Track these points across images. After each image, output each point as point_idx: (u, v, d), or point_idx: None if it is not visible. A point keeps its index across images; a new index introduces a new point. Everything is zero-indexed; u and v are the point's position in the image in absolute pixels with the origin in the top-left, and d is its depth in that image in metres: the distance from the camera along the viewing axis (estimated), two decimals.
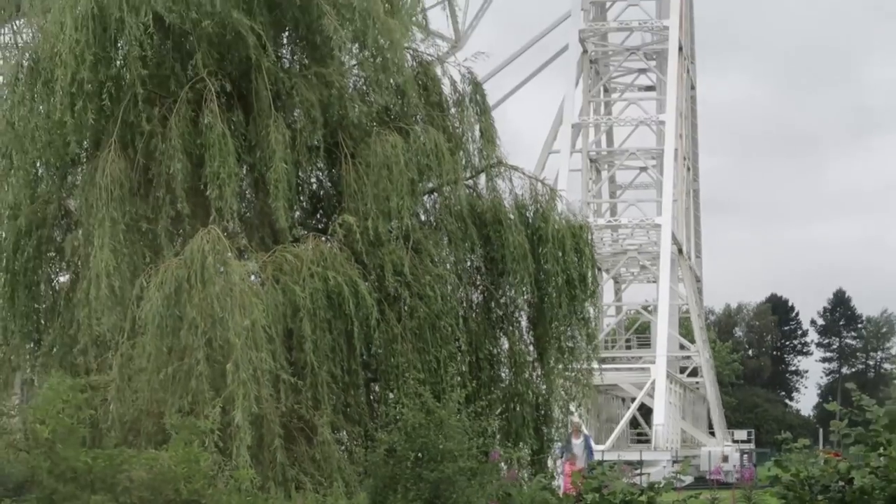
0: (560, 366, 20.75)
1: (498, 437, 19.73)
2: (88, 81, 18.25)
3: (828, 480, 14.50)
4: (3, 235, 19.69)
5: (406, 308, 18.51)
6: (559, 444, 25.23)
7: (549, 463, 21.97)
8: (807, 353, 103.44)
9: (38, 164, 19.05)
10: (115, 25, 18.17)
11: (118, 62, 18.47)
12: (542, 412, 20.95)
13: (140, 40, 17.74)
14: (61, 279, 19.72)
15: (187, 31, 18.49)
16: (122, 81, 18.76)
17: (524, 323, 20.88)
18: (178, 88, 18.60)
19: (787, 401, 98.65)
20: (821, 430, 39.96)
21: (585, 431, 30.93)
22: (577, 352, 21.36)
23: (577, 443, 28.75)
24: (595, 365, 23.19)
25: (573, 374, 21.01)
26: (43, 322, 19.51)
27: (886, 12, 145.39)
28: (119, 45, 18.37)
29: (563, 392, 20.99)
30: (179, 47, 18.69)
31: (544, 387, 20.83)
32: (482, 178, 21.18)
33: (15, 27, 21.60)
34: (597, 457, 30.13)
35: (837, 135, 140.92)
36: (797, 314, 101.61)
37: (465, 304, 20.40)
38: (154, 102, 18.43)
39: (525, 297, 20.39)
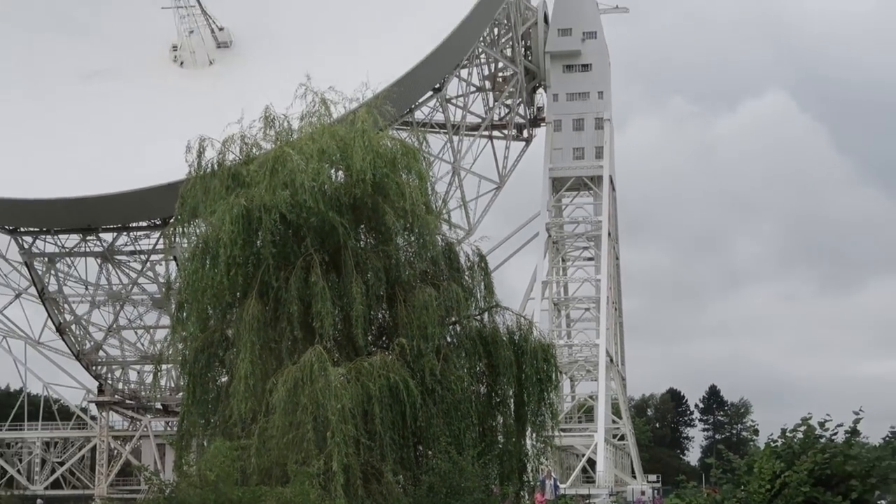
0: (534, 435, 24.25)
1: (497, 479, 23.02)
2: (238, 256, 21.68)
3: None
4: (187, 353, 22.97)
5: (438, 396, 21.47)
6: (538, 482, 31.13)
7: (526, 496, 25.61)
8: (693, 426, 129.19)
9: (208, 308, 22.51)
10: (256, 221, 21.78)
11: (258, 243, 21.93)
12: (522, 464, 24.18)
13: (272, 230, 21.65)
14: (222, 379, 22.62)
15: (300, 223, 21.88)
16: (260, 256, 21.94)
17: (512, 406, 24.03)
18: (295, 259, 21.89)
19: (681, 456, 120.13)
20: (703, 475, 50.50)
21: (554, 475, 38.33)
22: (545, 425, 24.73)
23: (548, 483, 34.60)
24: (556, 433, 27.52)
25: (542, 439, 24.64)
26: (210, 406, 22.58)
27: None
28: (258, 232, 21.89)
29: (536, 452, 24.63)
30: (296, 233, 22.05)
31: (524, 447, 24.19)
32: (486, 315, 24.52)
33: (188, 228, 24.81)
34: (560, 492, 35.78)
35: (717, 285, 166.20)
36: (686, 400, 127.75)
37: (475, 394, 23.28)
38: (280, 268, 21.69)
39: (512, 390, 23.72)
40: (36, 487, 63.18)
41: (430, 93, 59.86)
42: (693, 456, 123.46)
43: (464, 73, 63.24)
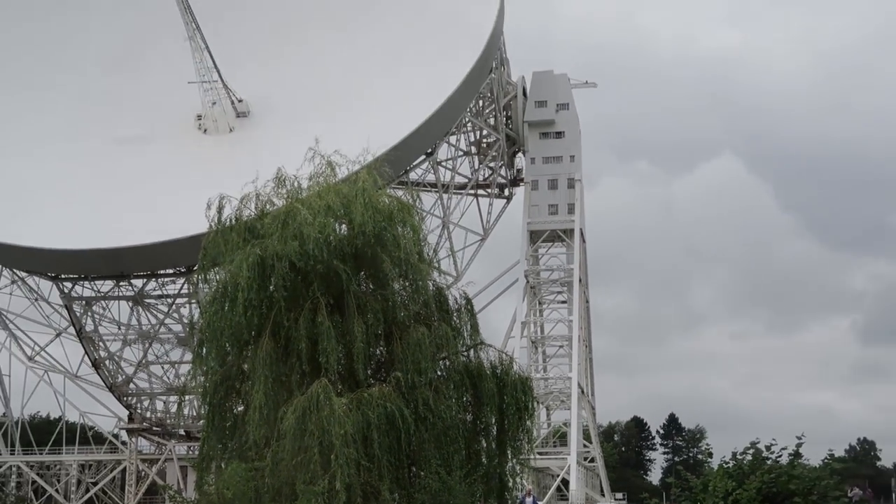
0: (514, 457, 24.16)
1: (481, 497, 22.83)
2: (254, 300, 21.64)
3: None
4: (207, 385, 22.89)
5: (430, 424, 21.28)
6: (518, 500, 30.88)
7: None
8: (654, 449, 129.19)
9: (226, 346, 22.43)
10: (269, 268, 21.83)
11: (271, 288, 21.88)
12: (503, 483, 23.99)
13: (283, 276, 21.62)
14: (239, 409, 22.42)
15: (308, 270, 21.91)
16: (273, 299, 21.86)
17: (494, 432, 23.78)
18: (304, 302, 21.79)
19: (644, 476, 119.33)
20: (664, 493, 51.06)
21: (533, 493, 38.23)
22: (523, 449, 24.61)
23: (528, 500, 34.57)
24: (533, 456, 27.83)
25: (521, 461, 24.61)
26: (228, 433, 22.38)
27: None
28: (271, 279, 21.87)
29: (515, 472, 24.48)
30: (304, 279, 21.97)
31: (505, 468, 23.97)
32: (471, 352, 24.29)
33: (209, 275, 24.68)
34: None
35: (676, 325, 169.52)
36: (648, 427, 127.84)
37: (462, 422, 23.06)
38: (290, 310, 21.64)
39: (494, 417, 23.45)
40: None
41: (423, 156, 60.37)
42: (655, 476, 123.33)
43: (453, 139, 63.71)
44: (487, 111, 66.34)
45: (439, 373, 23.07)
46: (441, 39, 56.56)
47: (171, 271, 56.57)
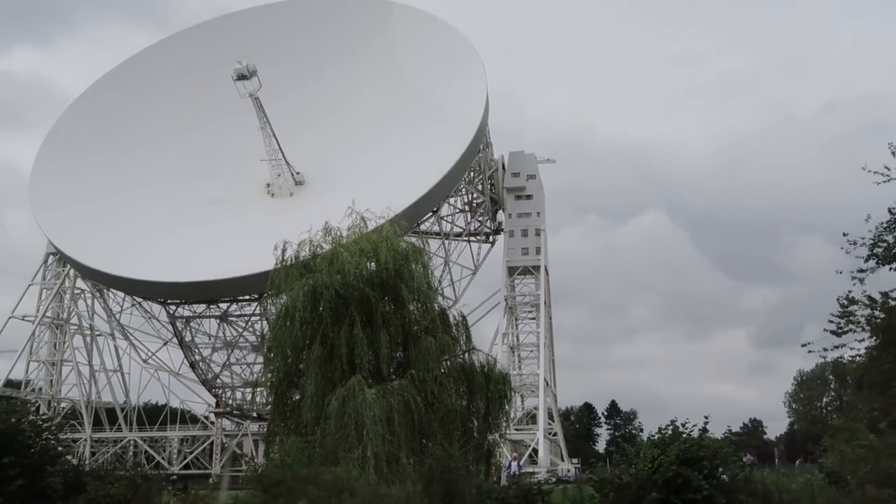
0: (497, 433, 23.77)
1: (473, 461, 22.41)
2: (307, 317, 21.68)
3: (611, 479, 20.43)
4: (274, 380, 22.61)
5: (435, 408, 21.13)
6: (505, 465, 30.41)
7: (493, 472, 25.21)
8: (600, 426, 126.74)
9: (287, 351, 22.21)
10: (319, 295, 21.81)
11: (320, 309, 21.72)
12: (489, 451, 23.75)
13: (329, 300, 21.53)
14: (296, 397, 22.09)
15: (347, 296, 21.89)
16: (321, 317, 21.77)
17: (482, 414, 23.35)
18: (344, 319, 21.71)
19: (593, 446, 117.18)
20: (608, 459, 49.51)
21: (516, 461, 37.96)
22: (503, 426, 24.39)
23: (514, 465, 34.34)
24: (511, 431, 29.58)
25: (501, 435, 24.35)
26: (288, 415, 22.07)
27: None
28: (321, 302, 21.80)
29: (498, 443, 24.26)
30: (345, 302, 21.88)
31: (490, 441, 23.60)
32: (466, 355, 23.98)
33: (275, 299, 24.24)
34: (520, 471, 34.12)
35: (618, 336, 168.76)
36: (596, 410, 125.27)
37: (459, 406, 22.77)
38: (334, 325, 21.57)
39: (482, 403, 23.13)
40: (173, 468, 62.07)
41: (430, 213, 60.39)
42: (601, 446, 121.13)
43: (452, 200, 63.75)
44: (477, 180, 66.49)
45: (443, 370, 22.87)
46: (444, 129, 56.73)
47: (247, 297, 56.33)
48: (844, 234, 24.76)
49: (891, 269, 25.26)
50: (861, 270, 24.26)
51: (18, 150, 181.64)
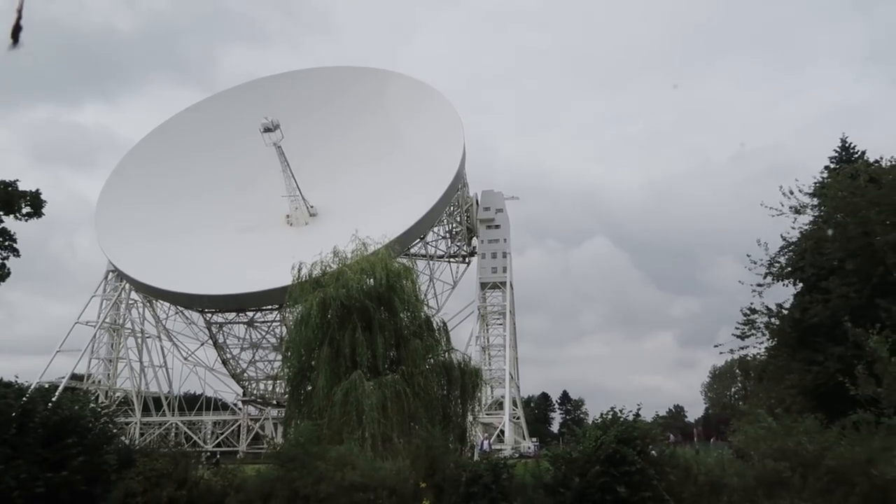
0: (471, 417, 23.57)
1: (452, 440, 20.84)
2: (318, 324, 21.33)
3: (563, 454, 20.14)
4: (290, 374, 22.23)
5: (422, 397, 20.77)
6: (478, 444, 29.64)
7: (468, 449, 23.89)
8: (554, 412, 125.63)
9: (301, 351, 21.77)
10: (328, 305, 21.56)
11: (328, 316, 21.50)
12: (465, 432, 23.10)
13: (336, 309, 21.30)
14: (308, 388, 21.59)
15: (350, 306, 21.57)
16: (330, 323, 21.49)
17: (459, 402, 22.92)
18: (348, 325, 21.38)
19: (548, 427, 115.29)
20: (560, 438, 48.62)
21: (487, 440, 37.23)
22: (475, 411, 24.19)
23: (485, 443, 33.40)
24: (482, 415, 28.88)
25: (475, 419, 24.33)
26: (301, 402, 21.58)
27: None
28: (329, 311, 21.57)
29: (472, 425, 24.04)
30: (348, 310, 21.58)
31: (465, 423, 23.19)
32: (447, 354, 23.66)
33: (292, 309, 23.79)
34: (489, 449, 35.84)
35: (570, 337, 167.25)
36: (551, 398, 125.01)
37: (441, 396, 22.37)
38: (340, 329, 21.31)
39: (459, 392, 22.80)
40: (207, 446, 61.01)
41: (418, 240, 60.18)
42: (555, 427, 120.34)
43: (436, 229, 63.50)
44: (455, 213, 66.53)
45: (428, 367, 22.66)
46: (429, 175, 56.57)
47: (269, 307, 55.77)
48: (748, 256, 25.13)
49: (784, 284, 25.57)
50: (759, 285, 24.56)
51: (88, 186, 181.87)
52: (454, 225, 67.65)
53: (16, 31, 4.69)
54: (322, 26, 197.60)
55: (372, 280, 22.80)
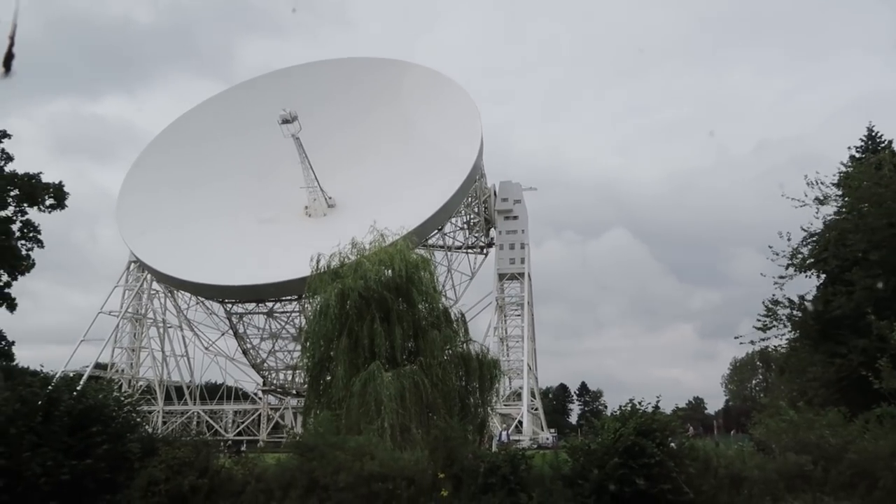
0: (489, 408, 23.70)
1: (470, 431, 20.38)
2: (337, 314, 21.24)
3: (581, 446, 20.03)
4: (310, 364, 22.07)
5: (440, 388, 20.63)
6: (496, 434, 29.46)
7: (486, 440, 24.76)
8: (573, 403, 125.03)
9: (320, 341, 21.66)
10: (346, 296, 21.45)
11: (347, 307, 21.41)
12: (483, 423, 23.25)
13: (354, 300, 21.21)
14: (327, 378, 21.55)
15: (369, 297, 21.51)
16: (348, 314, 21.40)
17: (477, 393, 22.96)
18: (366, 316, 21.30)
19: (567, 418, 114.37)
20: (579, 429, 48.20)
21: (505, 431, 37.19)
22: (493, 403, 24.49)
23: (503, 434, 33.38)
24: (500, 406, 28.65)
25: (492, 410, 24.59)
26: (320, 392, 21.58)
27: None
28: (348, 302, 21.48)
29: (490, 415, 24.33)
30: (367, 301, 21.51)
31: (483, 415, 23.18)
32: (465, 345, 23.53)
33: (311, 299, 23.48)
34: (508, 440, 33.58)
35: (589, 329, 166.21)
36: (569, 389, 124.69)
37: (459, 387, 22.25)
38: (359, 320, 21.21)
39: (477, 384, 22.81)
40: (228, 435, 61.81)
41: (436, 231, 60.10)
42: (573, 419, 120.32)
43: (453, 220, 63.27)
44: (473, 204, 66.30)
45: (446, 357, 22.59)
46: (447, 166, 56.40)
47: (289, 297, 56.11)
48: (770, 247, 24.79)
49: (806, 275, 25.20)
50: (781, 277, 24.24)
51: (109, 179, 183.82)
52: (472, 216, 67.42)
53: (8, 60, 4.54)
54: (340, 18, 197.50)
55: (390, 271, 22.70)
